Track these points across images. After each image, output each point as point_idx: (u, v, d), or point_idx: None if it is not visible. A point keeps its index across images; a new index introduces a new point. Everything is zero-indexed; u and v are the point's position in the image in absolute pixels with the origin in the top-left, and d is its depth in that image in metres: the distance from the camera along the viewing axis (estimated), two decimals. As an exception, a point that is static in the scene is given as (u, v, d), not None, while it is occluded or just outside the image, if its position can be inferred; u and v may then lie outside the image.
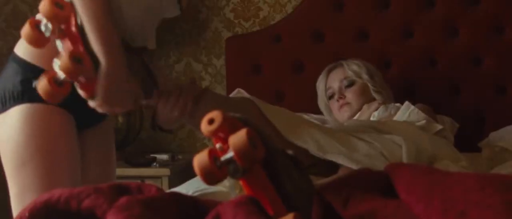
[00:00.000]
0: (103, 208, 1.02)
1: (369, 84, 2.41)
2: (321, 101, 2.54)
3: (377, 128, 1.87)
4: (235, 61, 2.83)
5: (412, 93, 2.67)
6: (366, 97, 2.40)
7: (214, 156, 0.96)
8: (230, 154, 0.95)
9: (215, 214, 0.87)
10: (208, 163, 0.94)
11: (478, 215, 0.70)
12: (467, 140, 2.22)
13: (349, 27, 2.74)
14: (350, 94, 2.41)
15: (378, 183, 0.96)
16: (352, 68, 2.44)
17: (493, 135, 2.36)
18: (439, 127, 2.01)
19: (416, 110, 2.17)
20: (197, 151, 3.20)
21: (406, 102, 2.23)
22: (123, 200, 1.01)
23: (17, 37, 1.63)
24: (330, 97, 2.48)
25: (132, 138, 2.88)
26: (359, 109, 2.39)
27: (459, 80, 2.67)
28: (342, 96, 2.42)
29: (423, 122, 2.07)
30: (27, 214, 1.05)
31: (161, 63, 3.03)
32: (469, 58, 2.66)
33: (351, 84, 2.42)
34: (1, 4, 3.03)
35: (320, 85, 2.52)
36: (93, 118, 1.72)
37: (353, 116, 2.37)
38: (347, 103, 2.41)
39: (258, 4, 2.96)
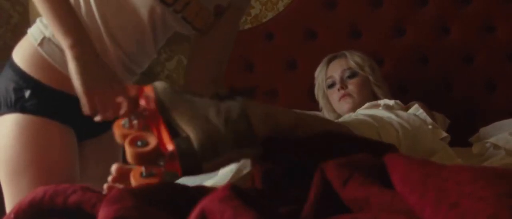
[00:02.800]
0: (91, 202, 1.01)
1: (370, 78, 2.37)
2: (319, 91, 2.49)
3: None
4: (227, 59, 2.81)
5: (405, 91, 2.67)
6: (367, 91, 2.35)
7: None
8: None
9: (200, 211, 0.85)
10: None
11: (470, 206, 0.70)
12: (458, 136, 2.21)
13: (341, 25, 2.74)
14: (352, 86, 2.35)
15: (377, 170, 0.95)
16: (355, 59, 2.39)
17: (483, 131, 2.36)
18: (444, 134, 1.99)
19: (424, 114, 2.15)
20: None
21: (416, 105, 2.21)
22: (114, 192, 0.99)
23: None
24: (330, 86, 2.42)
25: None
26: (360, 103, 2.33)
27: (450, 77, 2.67)
28: (343, 86, 2.37)
29: (430, 127, 2.05)
30: (12, 216, 1.04)
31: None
32: (461, 56, 2.66)
33: (353, 75, 2.37)
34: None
35: (319, 74, 2.47)
36: (94, 128, 1.68)
37: (353, 109, 2.33)
38: (349, 94, 2.35)
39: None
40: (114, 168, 1.27)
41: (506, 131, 2.16)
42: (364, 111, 2.05)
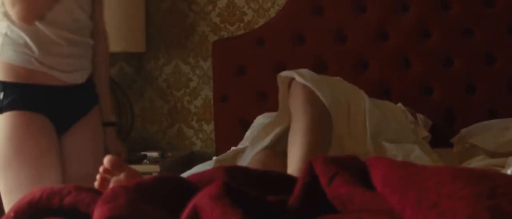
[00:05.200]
0: (86, 202, 0.99)
1: None
2: None
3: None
4: (221, 63, 2.80)
5: (389, 92, 2.65)
6: None
7: None
8: None
9: (192, 208, 0.83)
10: None
11: (449, 206, 0.68)
12: (440, 136, 2.20)
13: (328, 30, 2.72)
14: None
15: (361, 172, 0.93)
16: None
17: (464, 132, 2.34)
18: (426, 133, 1.96)
19: (407, 113, 2.12)
20: (185, 148, 3.15)
21: (399, 104, 2.19)
22: (108, 191, 0.97)
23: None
24: None
25: (124, 136, 2.84)
26: None
27: (431, 80, 2.65)
28: None
29: (412, 126, 2.03)
30: (12, 215, 1.03)
31: (151, 65, 2.99)
32: (441, 59, 2.65)
33: None
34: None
35: None
36: (70, 117, 1.71)
37: None
38: None
39: (243, 9, 2.92)
40: (106, 159, 1.26)
41: (486, 131, 2.14)
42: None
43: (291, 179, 1.03)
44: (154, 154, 2.70)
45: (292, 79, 1.68)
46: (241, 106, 2.75)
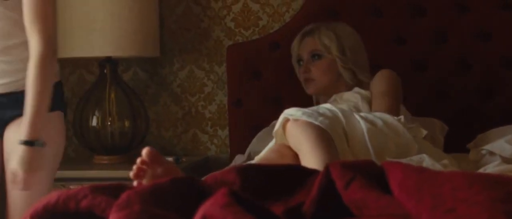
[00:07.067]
0: (101, 207, 1.00)
1: (337, 61, 2.22)
2: (294, 61, 2.41)
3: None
4: (235, 68, 2.80)
5: (404, 97, 2.64)
6: (331, 74, 2.22)
7: None
8: None
9: (202, 216, 0.84)
10: None
11: (466, 211, 0.68)
12: (456, 142, 2.18)
13: (343, 35, 2.71)
14: (315, 69, 2.24)
15: (378, 176, 0.94)
16: (323, 41, 2.25)
17: (481, 137, 2.32)
18: (425, 132, 1.94)
19: (409, 114, 2.11)
20: (200, 153, 3.17)
21: (403, 107, 2.18)
22: (123, 196, 0.98)
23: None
24: (298, 62, 2.34)
25: (138, 142, 2.86)
26: (325, 86, 2.24)
27: (448, 85, 2.64)
28: (307, 69, 2.25)
29: (412, 125, 2.01)
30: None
31: (165, 70, 3.01)
32: (459, 64, 2.64)
33: (318, 57, 2.24)
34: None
35: (294, 48, 2.37)
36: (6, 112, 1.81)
37: (317, 92, 2.27)
38: (312, 79, 2.24)
39: (257, 14, 2.94)
40: (145, 151, 1.25)
41: (503, 137, 2.12)
42: (341, 105, 2.03)
43: (304, 172, 1.03)
44: (169, 159, 2.72)
45: (285, 124, 1.75)
46: (255, 112, 2.76)
